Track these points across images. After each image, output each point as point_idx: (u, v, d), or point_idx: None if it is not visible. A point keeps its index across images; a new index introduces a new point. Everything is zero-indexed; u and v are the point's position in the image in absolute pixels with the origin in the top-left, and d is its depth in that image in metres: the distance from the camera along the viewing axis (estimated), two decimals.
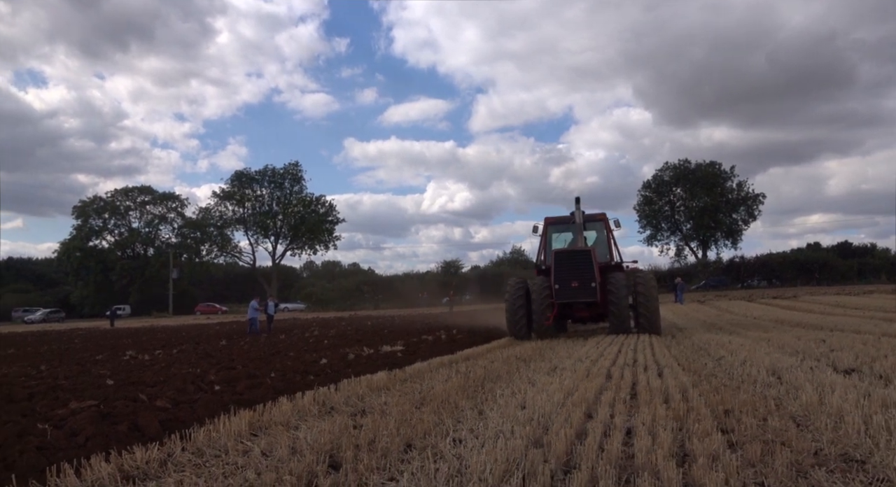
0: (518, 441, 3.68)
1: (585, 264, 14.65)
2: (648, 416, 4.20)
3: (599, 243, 16.88)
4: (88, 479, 3.56)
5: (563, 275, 14.63)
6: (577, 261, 14.71)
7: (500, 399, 5.68)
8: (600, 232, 17.01)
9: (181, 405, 6.10)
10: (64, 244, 78.38)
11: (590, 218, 17.01)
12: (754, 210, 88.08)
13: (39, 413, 6.02)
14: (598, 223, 17.13)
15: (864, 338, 10.60)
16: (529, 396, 5.62)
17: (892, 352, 8.07)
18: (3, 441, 4.59)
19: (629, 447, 3.53)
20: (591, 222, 16.99)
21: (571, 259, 14.80)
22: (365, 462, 3.54)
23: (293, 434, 4.50)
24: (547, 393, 5.64)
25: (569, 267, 14.66)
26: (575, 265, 14.66)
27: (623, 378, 6.38)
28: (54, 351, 18.50)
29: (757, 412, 4.39)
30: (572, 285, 14.52)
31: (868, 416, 3.90)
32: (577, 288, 14.50)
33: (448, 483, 3.01)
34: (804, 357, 8.18)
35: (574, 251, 15.22)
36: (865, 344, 9.47)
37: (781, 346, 9.98)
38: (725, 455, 3.18)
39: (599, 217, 17.18)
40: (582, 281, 14.53)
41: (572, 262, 14.72)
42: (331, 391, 6.60)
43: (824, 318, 20.49)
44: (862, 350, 8.62)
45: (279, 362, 10.98)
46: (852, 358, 7.60)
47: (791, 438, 3.56)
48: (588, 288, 14.48)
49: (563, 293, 14.58)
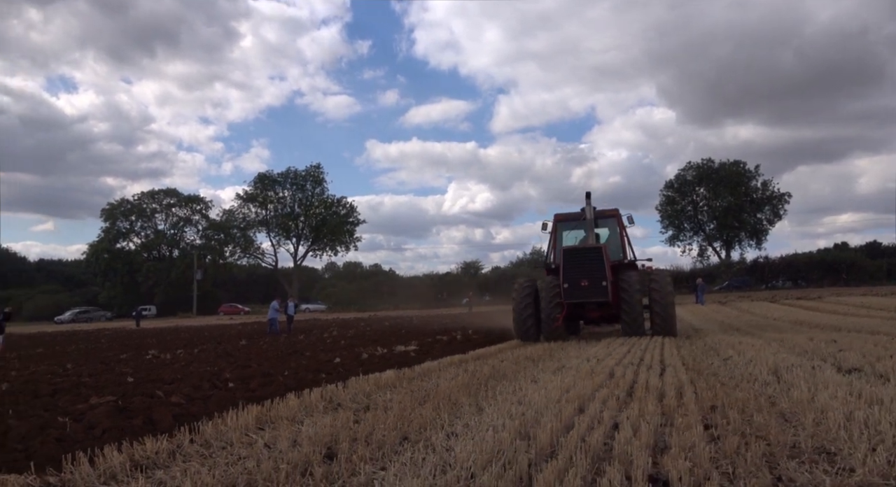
0: (506, 433, 3.84)
1: (596, 262, 14.00)
2: (636, 411, 4.32)
3: (612, 241, 16.17)
4: (101, 467, 3.79)
5: (573, 274, 14.01)
6: (588, 259, 14.08)
7: (500, 396, 5.82)
8: (613, 229, 16.32)
9: (195, 401, 6.35)
10: (92, 246, 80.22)
11: (601, 214, 16.39)
12: (780, 209, 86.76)
13: (61, 407, 6.31)
14: (611, 219, 16.47)
15: (878, 339, 10.54)
16: (529, 393, 5.76)
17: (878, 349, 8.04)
18: (26, 433, 4.87)
19: (611, 439, 3.66)
20: (603, 219, 16.38)
21: (581, 256, 14.19)
22: (359, 453, 3.72)
23: (296, 428, 4.70)
24: (546, 390, 5.77)
25: (578, 266, 14.06)
26: (585, 263, 14.05)
27: (624, 376, 6.48)
28: (81, 351, 19.05)
29: (746, 408, 4.48)
30: (582, 284, 13.89)
31: (851, 413, 3.97)
32: (587, 288, 13.85)
33: (433, 472, 3.17)
34: (811, 357, 8.19)
35: (584, 248, 14.59)
36: (876, 345, 9.42)
37: (792, 347, 9.97)
38: (700, 446, 3.30)
39: (612, 213, 16.50)
40: (592, 280, 13.86)
41: (582, 260, 14.10)
42: (338, 388, 6.81)
43: (845, 319, 20.22)
44: (871, 350, 8.59)
45: (294, 361, 11.24)
46: (858, 358, 7.59)
47: (771, 432, 3.66)
48: (599, 287, 13.81)
49: (572, 292, 13.95)
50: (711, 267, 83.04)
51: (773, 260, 78.26)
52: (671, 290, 14.65)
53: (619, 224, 16.13)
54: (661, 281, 14.54)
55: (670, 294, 14.47)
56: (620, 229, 16.08)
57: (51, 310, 70.44)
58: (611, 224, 16.40)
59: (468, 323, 25.51)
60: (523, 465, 3.07)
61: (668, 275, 15.29)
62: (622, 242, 16.01)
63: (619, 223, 16.16)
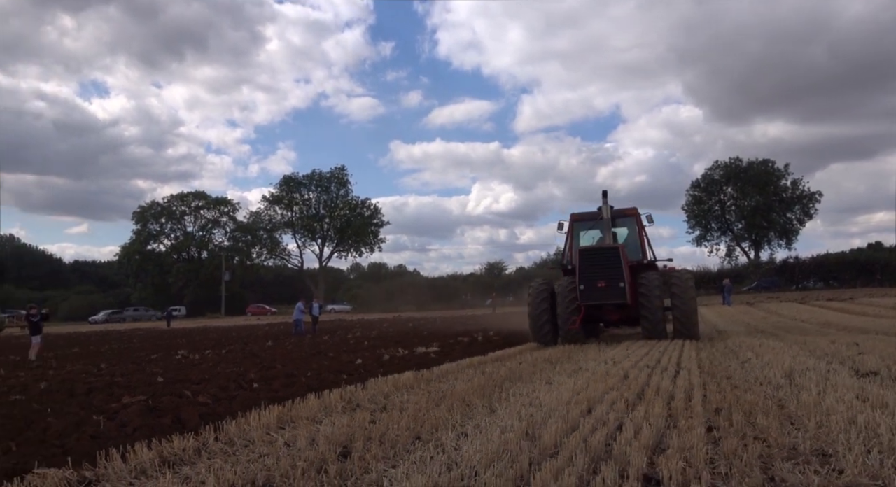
0: (513, 434, 4.00)
1: (613, 262, 13.59)
2: (642, 413, 4.43)
3: (631, 240, 15.75)
4: (132, 463, 4.04)
5: (589, 275, 13.58)
6: (605, 260, 13.68)
7: (513, 397, 5.97)
8: (632, 228, 15.85)
9: (221, 400, 6.62)
10: (124, 248, 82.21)
11: (620, 213, 15.95)
12: (810, 209, 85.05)
13: (95, 406, 6.63)
14: (629, 218, 15.96)
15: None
16: (541, 395, 5.90)
17: None
18: (63, 430, 5.17)
19: (613, 440, 3.79)
20: (622, 218, 15.98)
21: (598, 257, 13.78)
22: (372, 452, 3.91)
23: (315, 427, 4.91)
24: (558, 392, 5.91)
25: (595, 266, 13.62)
26: (602, 263, 13.64)
27: (637, 379, 6.57)
28: (114, 351, 19.64)
29: (753, 411, 4.57)
30: (599, 285, 13.46)
31: (854, 416, 4.04)
32: (604, 289, 13.45)
33: (440, 470, 3.35)
34: (830, 360, 8.17)
35: (601, 248, 14.24)
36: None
37: (813, 350, 9.92)
38: (699, 447, 3.41)
39: (630, 212, 15.98)
40: (609, 281, 13.46)
41: (599, 261, 13.68)
42: (357, 389, 7.03)
43: (875, 322, 19.87)
44: (892, 353, 8.53)
45: (317, 362, 11.51)
46: (877, 361, 7.57)
47: (772, 434, 3.75)
48: (616, 288, 13.40)
49: (588, 294, 13.53)
50: (739, 267, 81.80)
51: (804, 260, 76.81)
52: (693, 291, 14.19)
53: (638, 223, 15.67)
54: (682, 281, 14.13)
55: (692, 295, 14.05)
56: (639, 228, 15.62)
57: (85, 311, 72.31)
58: (629, 223, 15.98)
59: (490, 325, 25.62)
60: (524, 464, 3.22)
61: (689, 276, 14.79)
62: (641, 242, 15.52)
63: (638, 222, 15.69)
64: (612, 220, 15.44)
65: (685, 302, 13.71)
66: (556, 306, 14.17)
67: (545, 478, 2.95)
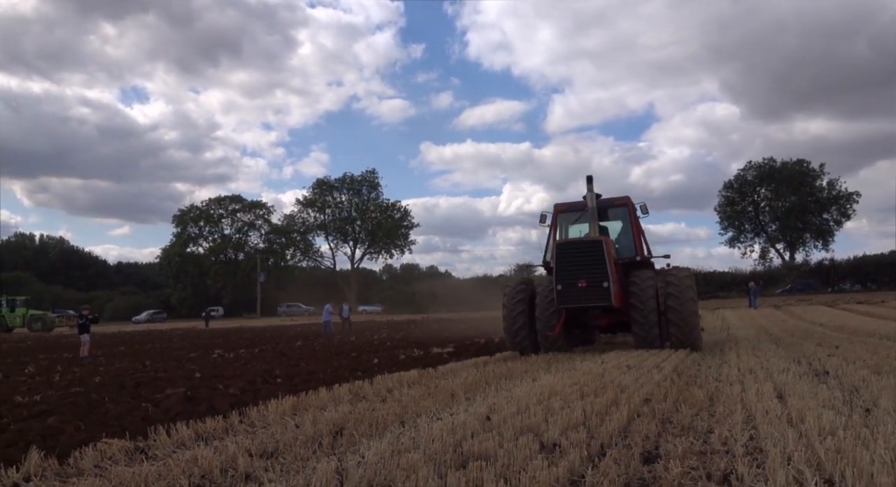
0: (470, 418, 4.98)
1: (596, 258, 11.84)
2: (588, 402, 5.37)
3: (624, 235, 14.07)
4: (174, 437, 5.15)
5: (568, 273, 11.91)
6: (585, 255, 11.93)
7: (496, 391, 6.94)
8: (625, 220, 14.11)
9: (247, 392, 7.75)
10: (165, 250, 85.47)
11: (608, 203, 14.08)
12: (848, 209, 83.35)
13: (143, 396, 7.83)
14: (621, 209, 14.13)
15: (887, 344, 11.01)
16: (519, 389, 6.85)
17: (877, 357, 8.67)
18: (119, 414, 6.34)
19: (546, 420, 4.72)
20: (613, 208, 14.16)
21: (577, 252, 12.05)
22: (361, 431, 4.94)
23: (321, 413, 5.97)
24: (534, 386, 6.85)
25: (574, 263, 11.92)
26: (582, 260, 11.91)
27: (604, 377, 7.47)
28: (156, 349, 21.14)
29: (685, 401, 5.45)
30: (579, 286, 11.77)
31: (757, 404, 4.89)
32: (585, 290, 11.75)
33: (405, 441, 4.35)
34: (800, 363, 8.91)
35: (581, 242, 12.54)
36: (877, 352, 9.98)
37: (794, 353, 10.62)
38: (606, 424, 4.33)
39: (621, 201, 14.13)
40: (591, 280, 11.75)
41: (579, 256, 11.96)
42: (365, 383, 8.07)
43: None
44: (861, 356, 9.22)
45: (338, 361, 12.62)
46: (839, 362, 8.30)
47: (680, 417, 4.65)
48: (599, 289, 11.70)
49: (567, 296, 11.88)
50: (773, 269, 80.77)
51: (839, 261, 75.53)
52: (691, 293, 12.29)
53: (632, 214, 13.91)
54: (678, 282, 12.23)
55: (690, 298, 12.18)
56: (633, 220, 13.88)
57: (128, 311, 75.40)
58: (622, 215, 14.20)
59: None
60: (466, 436, 4.20)
61: (688, 275, 12.85)
62: (636, 236, 13.78)
63: (632, 213, 13.91)
64: (604, 211, 13.92)
65: (682, 305, 11.97)
66: (536, 309, 12.75)
67: (474, 445, 3.92)
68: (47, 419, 6.12)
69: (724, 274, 79.45)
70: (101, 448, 4.66)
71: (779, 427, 4.06)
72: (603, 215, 13.82)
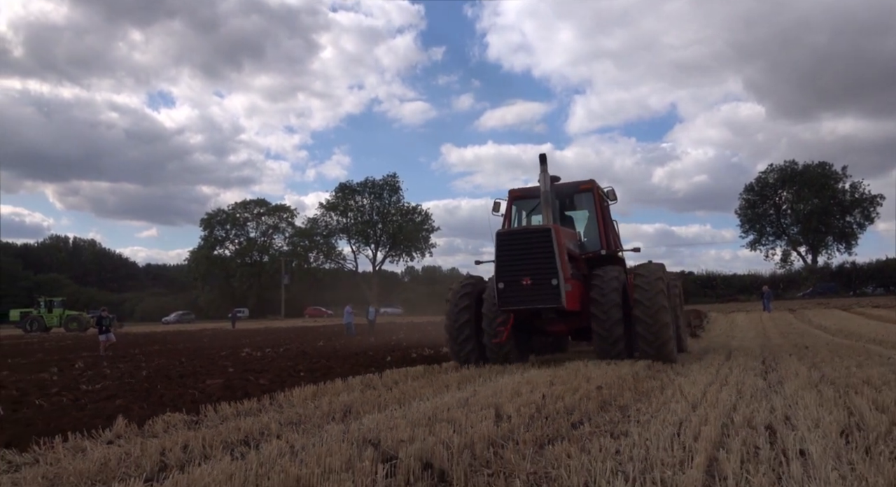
0: (454, 400, 6.26)
1: (543, 251, 10.00)
2: (519, 400, 6.63)
3: (591, 226, 12.19)
4: (220, 413, 6.51)
5: (510, 269, 10.18)
6: (531, 247, 10.15)
7: (476, 386, 8.19)
8: (591, 209, 12.17)
9: (275, 382, 9.14)
10: (193, 253, 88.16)
11: (573, 188, 12.12)
12: (871, 212, 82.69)
13: (188, 385, 9.25)
14: (585, 195, 12.13)
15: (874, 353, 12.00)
16: (491, 383, 8.10)
17: (833, 361, 9.75)
18: (172, 397, 7.75)
19: (484, 419, 5.97)
20: (578, 194, 12.18)
21: (522, 243, 10.28)
22: (365, 409, 6.25)
23: (335, 397, 7.30)
24: (498, 383, 8.09)
25: (518, 257, 10.18)
26: (527, 252, 10.15)
27: (555, 380, 8.64)
28: (189, 348, 22.73)
29: (605, 399, 6.67)
30: (523, 284, 10.05)
31: (681, 400, 6.09)
32: (530, 289, 10.02)
33: (397, 415, 5.64)
34: (756, 364, 10.03)
35: (525, 231, 10.76)
36: (839, 355, 11.02)
37: (760, 353, 11.70)
38: (523, 408, 5.58)
39: (585, 186, 12.09)
40: (538, 277, 9.98)
41: (523, 249, 10.20)
42: (375, 376, 9.39)
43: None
44: (825, 359, 10.29)
45: (355, 358, 13.96)
46: (793, 363, 9.40)
47: (584, 409, 5.88)
48: (547, 287, 9.91)
49: (509, 296, 10.17)
50: (793, 272, 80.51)
51: (861, 265, 75.08)
52: (662, 297, 10.36)
53: (597, 201, 12.04)
54: (648, 284, 10.44)
55: (661, 300, 10.28)
56: (598, 208, 12.01)
57: (158, 312, 77.98)
58: (586, 202, 12.22)
59: None
60: (439, 411, 5.48)
61: (659, 272, 10.99)
62: (601, 227, 11.91)
63: (598, 200, 12.05)
64: (569, 198, 12.28)
65: (651, 309, 10.20)
66: (483, 313, 11.12)
67: (446, 415, 5.19)
68: (116, 400, 7.54)
69: (744, 277, 79.51)
70: (167, 419, 6.03)
71: (682, 405, 5.25)
72: (569, 203, 12.36)
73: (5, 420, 6.23)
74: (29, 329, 49.45)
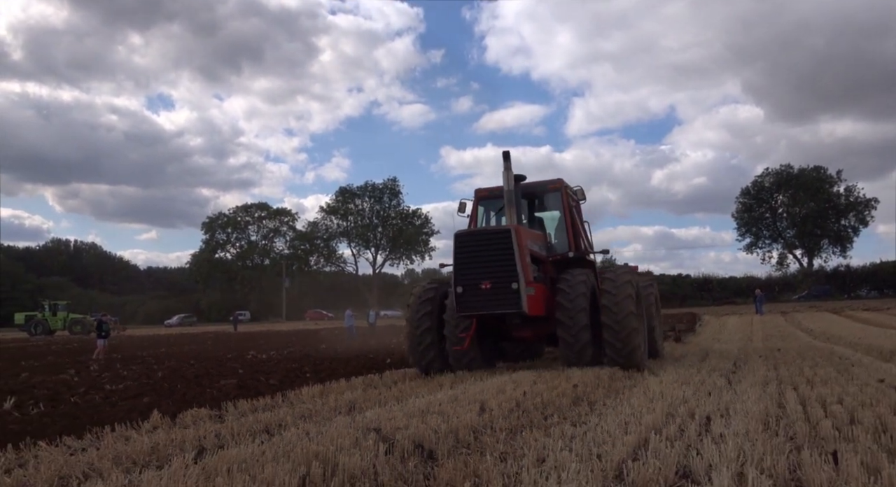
0: (446, 397, 7.10)
1: (503, 253, 9.74)
2: (488, 402, 7.49)
3: (561, 228, 11.87)
4: (239, 408, 7.36)
5: (469, 273, 9.89)
6: (490, 248, 9.90)
7: (460, 384, 9.04)
8: (561, 209, 11.86)
9: (284, 382, 9.99)
10: (195, 256, 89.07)
11: (542, 188, 11.84)
12: (866, 216, 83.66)
13: (204, 385, 10.10)
14: (553, 195, 11.81)
15: (836, 360, 12.84)
16: (475, 385, 8.95)
17: (788, 362, 10.59)
18: (193, 395, 8.60)
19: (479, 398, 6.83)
20: (548, 193, 11.88)
21: (480, 245, 10.05)
22: (367, 405, 7.10)
23: (340, 395, 8.15)
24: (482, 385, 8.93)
25: (477, 259, 9.90)
26: (486, 254, 9.88)
27: (520, 385, 9.52)
28: (195, 351, 23.53)
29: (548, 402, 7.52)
30: (482, 287, 9.77)
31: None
32: (489, 293, 9.75)
33: (395, 409, 6.48)
34: (713, 370, 10.87)
35: (483, 232, 10.58)
36: (803, 368, 11.86)
37: (727, 355, 12.55)
38: (504, 403, 6.44)
39: (554, 185, 11.77)
40: (497, 280, 9.72)
41: (482, 250, 9.95)
42: (376, 377, 10.24)
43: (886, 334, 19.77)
44: (794, 360, 11.13)
45: (357, 361, 14.80)
46: (750, 374, 10.25)
47: (526, 406, 6.74)
48: (507, 292, 9.67)
49: (468, 300, 9.89)
50: (789, 275, 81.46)
51: (855, 268, 76.11)
52: (631, 300, 10.10)
53: (566, 201, 11.69)
54: (615, 285, 10.15)
55: (628, 306, 9.97)
56: (567, 208, 11.68)
57: (160, 315, 78.76)
58: (555, 202, 11.91)
59: None
60: (431, 405, 6.33)
61: (627, 275, 10.59)
62: (570, 227, 11.58)
63: (566, 199, 11.70)
64: (539, 198, 12.05)
65: (618, 314, 9.88)
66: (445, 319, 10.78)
67: (437, 408, 6.05)
68: (143, 398, 8.39)
69: (740, 280, 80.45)
70: (193, 413, 6.88)
71: (640, 400, 6.10)
72: (539, 203, 12.16)
73: (52, 414, 7.09)
74: (34, 332, 50.27)
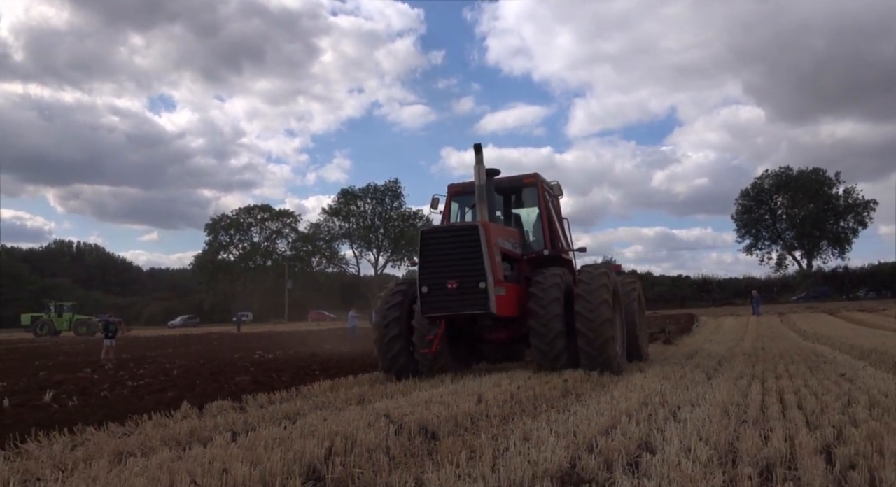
0: (448, 390, 7.81)
1: (470, 251, 9.35)
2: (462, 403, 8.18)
3: (537, 226, 11.49)
4: (258, 400, 8.05)
5: (434, 272, 9.52)
6: (457, 246, 9.51)
7: (451, 383, 9.71)
8: (537, 205, 11.45)
9: (296, 378, 10.69)
10: (198, 257, 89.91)
11: (518, 183, 11.41)
12: (864, 217, 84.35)
13: (220, 381, 10.79)
14: (530, 190, 11.41)
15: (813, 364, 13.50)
16: (475, 380, 9.63)
17: (772, 363, 11.26)
18: (212, 390, 9.30)
19: (475, 390, 7.52)
20: (525, 188, 11.45)
21: (446, 242, 9.65)
22: (375, 398, 7.80)
23: (349, 389, 8.84)
24: (481, 380, 9.63)
25: (443, 257, 9.53)
26: (452, 252, 9.50)
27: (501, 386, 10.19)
28: (203, 351, 24.20)
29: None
30: (448, 287, 9.40)
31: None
32: (456, 293, 9.37)
33: (402, 401, 7.17)
34: (696, 367, 11.55)
35: (450, 229, 10.25)
36: (777, 365, 12.51)
37: (709, 356, 13.23)
38: (498, 394, 7.12)
39: (529, 180, 11.35)
40: (464, 280, 9.34)
41: (449, 249, 9.55)
42: (381, 374, 10.93)
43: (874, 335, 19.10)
44: (771, 360, 11.80)
45: (362, 359, 15.47)
46: (726, 379, 10.94)
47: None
48: (474, 291, 9.28)
49: (433, 301, 9.52)
50: (788, 277, 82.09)
51: (854, 269, 76.67)
52: (606, 306, 9.64)
53: (542, 196, 11.31)
54: (589, 290, 9.66)
55: (603, 312, 9.52)
56: (543, 204, 11.28)
57: (163, 316, 79.52)
58: (532, 198, 11.53)
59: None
60: (435, 397, 7.03)
61: (603, 278, 9.98)
62: (545, 224, 11.19)
63: (542, 195, 11.32)
64: (516, 193, 11.67)
65: (593, 315, 9.44)
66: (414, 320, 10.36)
67: (440, 399, 6.74)
68: (167, 392, 9.08)
69: (739, 281, 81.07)
70: (217, 405, 7.58)
71: (622, 392, 6.78)
72: (516, 199, 11.85)
73: (88, 405, 7.78)
74: (39, 332, 50.99)
